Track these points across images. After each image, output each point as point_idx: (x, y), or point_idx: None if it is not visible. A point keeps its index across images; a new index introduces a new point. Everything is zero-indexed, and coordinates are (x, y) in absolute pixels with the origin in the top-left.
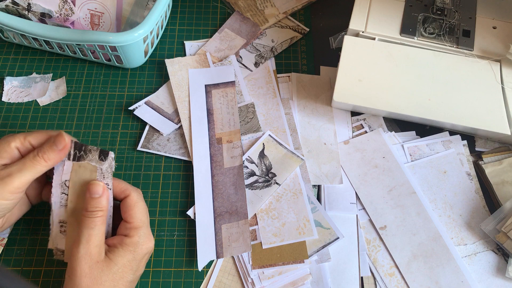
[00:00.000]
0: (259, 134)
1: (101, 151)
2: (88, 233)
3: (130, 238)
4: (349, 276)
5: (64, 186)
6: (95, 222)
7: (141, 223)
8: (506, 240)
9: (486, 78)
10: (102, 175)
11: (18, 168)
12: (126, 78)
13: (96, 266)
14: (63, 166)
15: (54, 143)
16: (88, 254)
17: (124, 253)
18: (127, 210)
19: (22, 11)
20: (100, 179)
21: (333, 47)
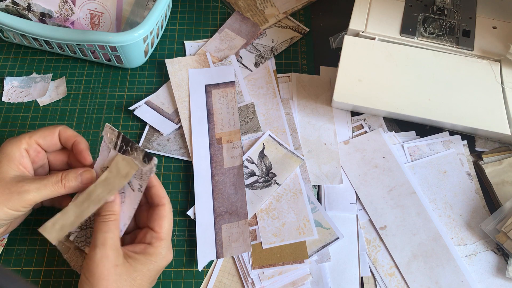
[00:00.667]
0: (259, 134)
1: (146, 154)
2: (103, 236)
3: (154, 248)
4: (349, 276)
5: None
6: (109, 225)
7: (167, 235)
8: (506, 240)
9: (486, 78)
10: (140, 176)
11: (37, 187)
12: (126, 78)
13: (114, 269)
14: (108, 153)
15: (80, 177)
16: (105, 256)
17: (146, 261)
18: (158, 219)
19: (22, 11)
20: (137, 179)
21: (333, 47)
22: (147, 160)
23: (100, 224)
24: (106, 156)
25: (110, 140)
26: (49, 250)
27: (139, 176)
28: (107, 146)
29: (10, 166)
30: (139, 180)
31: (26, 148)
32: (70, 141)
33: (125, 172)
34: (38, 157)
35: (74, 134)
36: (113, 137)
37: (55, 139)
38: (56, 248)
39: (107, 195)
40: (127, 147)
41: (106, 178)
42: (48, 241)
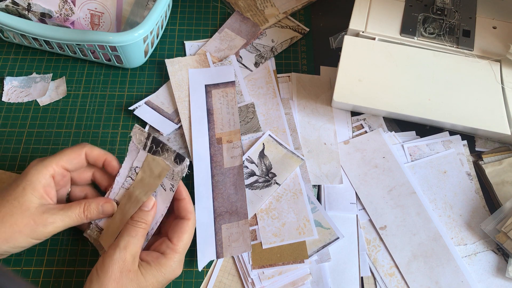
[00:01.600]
0: (259, 134)
1: (178, 155)
2: (128, 240)
3: (167, 259)
4: (349, 276)
5: (133, 171)
6: (137, 231)
7: (182, 250)
8: (506, 240)
9: (486, 78)
10: (172, 176)
11: (62, 219)
12: (126, 78)
13: (126, 274)
14: (137, 153)
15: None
16: (122, 259)
17: (156, 273)
18: (178, 232)
19: (22, 11)
20: (168, 179)
21: (333, 47)
22: (178, 161)
23: (129, 227)
24: (135, 157)
25: (139, 141)
26: (49, 250)
27: (170, 176)
28: (135, 146)
29: (34, 195)
30: (170, 180)
31: (53, 174)
32: (99, 160)
33: (158, 172)
34: (63, 181)
35: (103, 153)
36: (142, 138)
37: (82, 161)
38: (56, 248)
39: (144, 196)
40: (157, 147)
41: (142, 179)
42: (48, 241)
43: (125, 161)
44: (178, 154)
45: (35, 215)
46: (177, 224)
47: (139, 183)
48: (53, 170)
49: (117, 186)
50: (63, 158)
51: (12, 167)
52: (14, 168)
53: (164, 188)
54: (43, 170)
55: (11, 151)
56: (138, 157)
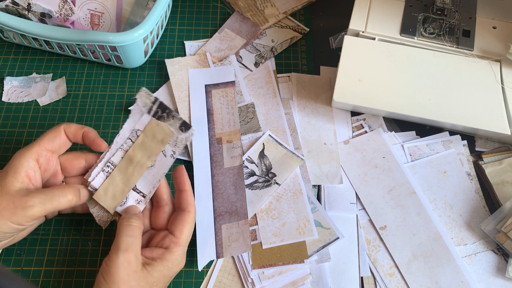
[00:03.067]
0: (259, 134)
1: (184, 122)
2: (127, 240)
3: (171, 254)
4: (349, 276)
5: (134, 133)
6: (134, 230)
7: (185, 242)
8: (506, 240)
9: (486, 78)
10: (175, 143)
11: (42, 202)
12: (126, 78)
13: (134, 275)
14: (141, 116)
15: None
16: (127, 262)
17: (162, 267)
18: (180, 224)
19: (22, 11)
20: (170, 145)
21: (333, 47)
22: (184, 128)
23: (126, 227)
24: (138, 119)
25: (144, 104)
26: (49, 250)
27: (173, 143)
28: (139, 109)
29: (15, 178)
30: (173, 146)
31: (36, 158)
32: (78, 134)
33: (160, 138)
34: (49, 165)
35: (79, 126)
36: (148, 101)
37: (63, 138)
38: (56, 248)
39: (148, 161)
40: (163, 113)
41: (143, 142)
42: (48, 241)
43: (127, 122)
44: (184, 122)
45: (15, 197)
46: (178, 217)
47: (139, 146)
48: (36, 153)
49: (115, 147)
50: (43, 139)
51: None
52: None
53: (165, 154)
54: (26, 153)
55: (11, 151)
56: (141, 120)
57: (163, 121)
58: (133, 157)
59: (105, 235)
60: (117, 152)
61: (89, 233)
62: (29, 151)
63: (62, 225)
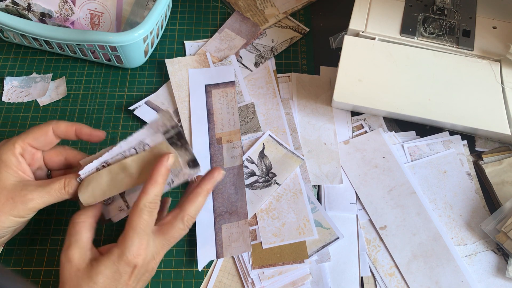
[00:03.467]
0: (259, 134)
1: (194, 160)
2: (69, 239)
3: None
4: (349, 276)
5: (141, 145)
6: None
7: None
8: (506, 240)
9: (486, 78)
10: (176, 174)
11: (41, 195)
12: (126, 78)
13: (76, 273)
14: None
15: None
16: (68, 260)
17: (107, 262)
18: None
19: (22, 11)
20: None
21: (333, 47)
22: (191, 164)
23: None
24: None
25: (163, 125)
26: (49, 250)
27: (175, 173)
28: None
29: (8, 172)
30: (173, 176)
31: (21, 153)
32: (69, 132)
33: None
34: (34, 160)
35: (70, 124)
36: (168, 124)
37: (49, 137)
38: (56, 248)
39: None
40: (177, 141)
41: (145, 158)
42: (48, 241)
43: (139, 132)
44: (194, 159)
45: (13, 192)
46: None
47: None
48: (20, 148)
49: (117, 151)
50: (29, 135)
51: None
52: None
53: None
54: (11, 147)
55: None
56: (154, 137)
57: (175, 148)
58: (128, 167)
59: (105, 235)
60: (117, 156)
61: None
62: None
63: (62, 225)
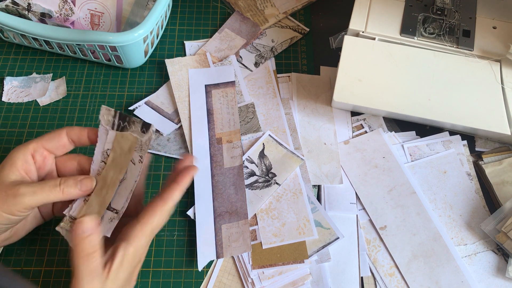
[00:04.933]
0: (259, 134)
1: (144, 123)
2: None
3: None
4: (349, 276)
5: (105, 154)
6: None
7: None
8: (506, 240)
9: (486, 78)
10: (140, 148)
11: (34, 191)
12: (126, 78)
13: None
14: (107, 135)
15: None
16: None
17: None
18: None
19: (22, 11)
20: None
21: (333, 47)
22: (145, 130)
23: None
24: (105, 140)
25: (107, 122)
26: (49, 250)
27: (139, 148)
28: (104, 129)
29: (11, 170)
30: (139, 151)
31: (32, 153)
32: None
33: (127, 148)
34: (45, 162)
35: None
36: (110, 118)
37: (62, 140)
38: (56, 248)
39: (119, 175)
40: (124, 123)
41: (113, 159)
42: (48, 241)
43: (97, 147)
44: (144, 123)
45: (7, 187)
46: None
47: (111, 164)
48: (32, 149)
49: (93, 174)
50: (43, 138)
51: None
52: None
53: (134, 162)
54: (23, 148)
55: None
56: (108, 138)
57: (126, 131)
58: (106, 177)
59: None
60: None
61: None
62: (26, 146)
63: None
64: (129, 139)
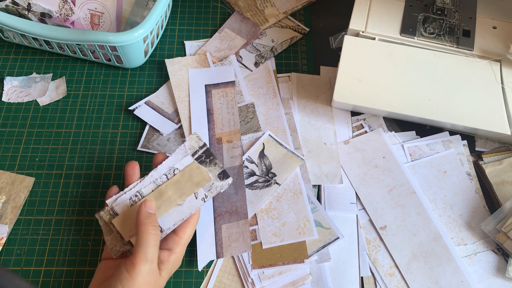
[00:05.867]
0: (259, 134)
1: (224, 172)
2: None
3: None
4: (349, 276)
5: (171, 171)
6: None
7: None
8: (506, 240)
9: (486, 78)
10: (209, 188)
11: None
12: (126, 78)
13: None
14: (183, 157)
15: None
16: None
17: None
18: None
19: (22, 11)
20: (204, 189)
21: (333, 47)
22: (222, 176)
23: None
24: (180, 159)
25: (191, 147)
26: (49, 250)
27: (208, 188)
28: (185, 150)
29: None
30: (206, 191)
31: None
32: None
33: (197, 180)
34: None
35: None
36: (196, 146)
37: None
38: (56, 248)
39: (178, 199)
40: (206, 159)
41: (178, 181)
42: (48, 241)
43: (168, 159)
44: (224, 171)
45: None
46: None
47: (174, 184)
48: None
49: (149, 180)
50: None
51: (12, 167)
52: (14, 168)
53: (196, 196)
54: None
55: (11, 151)
56: (183, 161)
57: (204, 166)
58: (164, 192)
59: None
60: (149, 185)
61: (89, 233)
62: None
63: (62, 225)
64: (202, 174)
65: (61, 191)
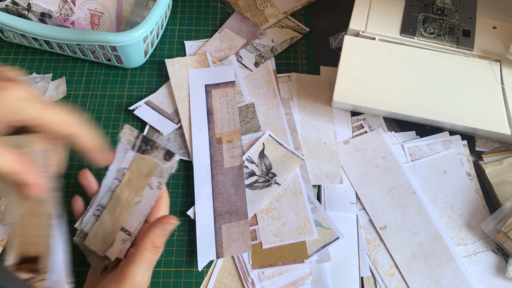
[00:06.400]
0: (259, 134)
1: (168, 151)
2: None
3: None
4: (349, 276)
5: (120, 172)
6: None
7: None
8: (506, 240)
9: (486, 78)
10: (160, 174)
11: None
12: (126, 78)
13: None
14: (125, 154)
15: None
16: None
17: None
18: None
19: (22, 11)
20: (156, 177)
21: (333, 47)
22: (168, 157)
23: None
24: (123, 158)
25: (128, 141)
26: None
27: (159, 174)
28: (124, 147)
29: None
30: (158, 177)
31: None
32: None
33: (146, 171)
34: None
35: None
36: (131, 138)
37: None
38: None
39: (135, 197)
40: (147, 146)
41: (129, 179)
42: None
43: (113, 163)
44: (168, 151)
45: None
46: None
47: (126, 184)
48: None
49: (103, 189)
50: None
51: None
52: None
53: (151, 187)
54: None
55: None
56: (126, 158)
57: (147, 154)
58: (120, 196)
59: None
60: (106, 194)
61: None
62: None
63: None
64: (149, 163)
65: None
